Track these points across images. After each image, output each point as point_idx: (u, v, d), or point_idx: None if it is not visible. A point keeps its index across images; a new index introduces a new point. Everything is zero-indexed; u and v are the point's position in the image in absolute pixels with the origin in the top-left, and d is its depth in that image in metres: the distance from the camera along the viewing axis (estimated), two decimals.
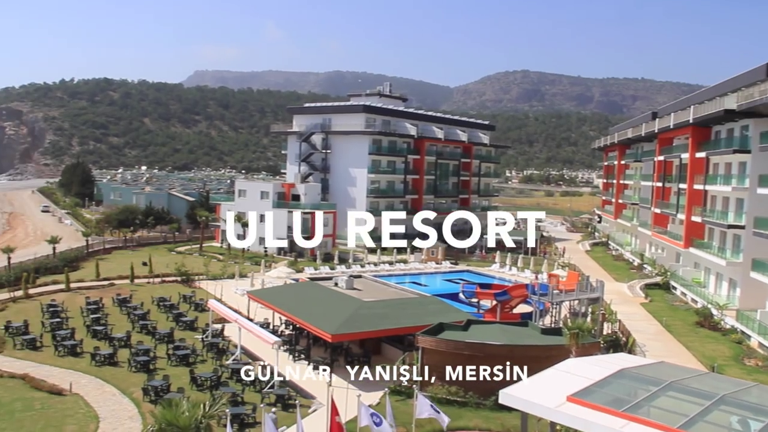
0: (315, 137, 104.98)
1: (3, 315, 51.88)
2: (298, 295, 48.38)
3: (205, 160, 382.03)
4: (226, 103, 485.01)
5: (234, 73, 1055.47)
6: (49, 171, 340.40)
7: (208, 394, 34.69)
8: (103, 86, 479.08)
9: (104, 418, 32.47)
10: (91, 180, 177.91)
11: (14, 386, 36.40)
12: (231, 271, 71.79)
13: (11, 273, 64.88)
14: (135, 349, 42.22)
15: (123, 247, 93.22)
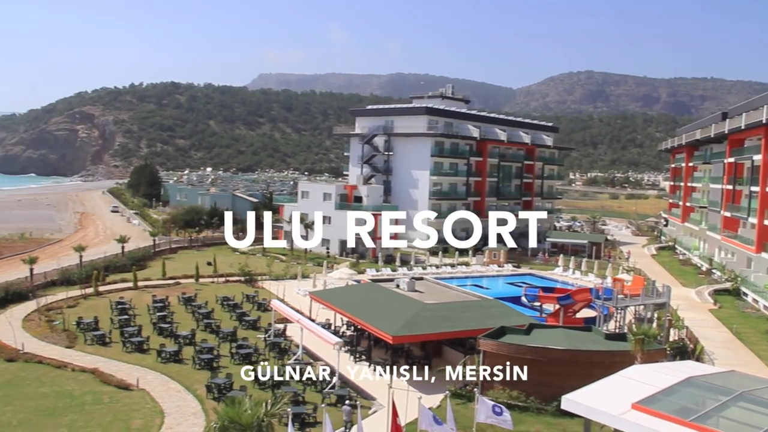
0: (377, 139, 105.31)
1: (75, 311, 53.51)
2: (359, 296, 48.58)
3: (269, 161, 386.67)
4: (289, 106, 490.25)
5: (297, 76, 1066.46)
6: (118, 172, 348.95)
7: (270, 392, 35.08)
8: (170, 90, 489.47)
9: (169, 414, 33.17)
10: (158, 181, 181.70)
11: (85, 380, 37.56)
12: (293, 272, 72.51)
13: (83, 271, 66.75)
14: (199, 347, 43.02)
15: (188, 247, 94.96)
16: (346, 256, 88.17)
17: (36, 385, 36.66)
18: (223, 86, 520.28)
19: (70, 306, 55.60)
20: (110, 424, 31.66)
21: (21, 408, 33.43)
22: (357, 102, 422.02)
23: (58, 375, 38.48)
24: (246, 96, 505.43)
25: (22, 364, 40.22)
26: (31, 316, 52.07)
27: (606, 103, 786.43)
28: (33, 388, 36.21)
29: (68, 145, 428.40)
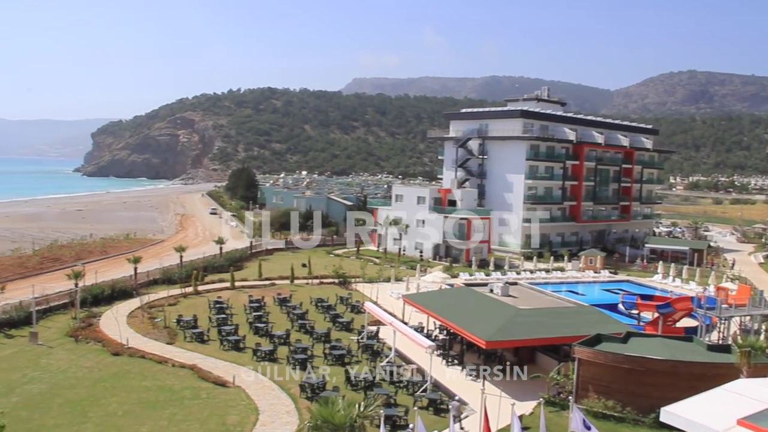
0: (472, 143, 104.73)
1: (175, 309, 55.33)
2: (453, 300, 48.46)
3: (363, 165, 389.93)
4: (383, 110, 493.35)
5: (391, 80, 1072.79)
6: (217, 175, 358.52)
7: (362, 394, 35.34)
8: (267, 95, 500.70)
9: (263, 411, 33.84)
10: (255, 184, 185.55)
11: (184, 375, 38.83)
12: (387, 275, 72.83)
13: (183, 270, 68.96)
14: (294, 346, 43.71)
15: (284, 249, 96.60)
16: (440, 260, 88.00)
17: (139, 379, 38.14)
18: (318, 91, 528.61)
19: (171, 304, 57.57)
20: (207, 419, 32.59)
21: (125, 399, 34.85)
22: (451, 105, 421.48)
23: (159, 370, 39.91)
24: (341, 100, 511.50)
25: (127, 358, 41.96)
26: (135, 312, 54.16)
27: (709, 104, 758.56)
28: (136, 382, 37.67)
29: (170, 149, 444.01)
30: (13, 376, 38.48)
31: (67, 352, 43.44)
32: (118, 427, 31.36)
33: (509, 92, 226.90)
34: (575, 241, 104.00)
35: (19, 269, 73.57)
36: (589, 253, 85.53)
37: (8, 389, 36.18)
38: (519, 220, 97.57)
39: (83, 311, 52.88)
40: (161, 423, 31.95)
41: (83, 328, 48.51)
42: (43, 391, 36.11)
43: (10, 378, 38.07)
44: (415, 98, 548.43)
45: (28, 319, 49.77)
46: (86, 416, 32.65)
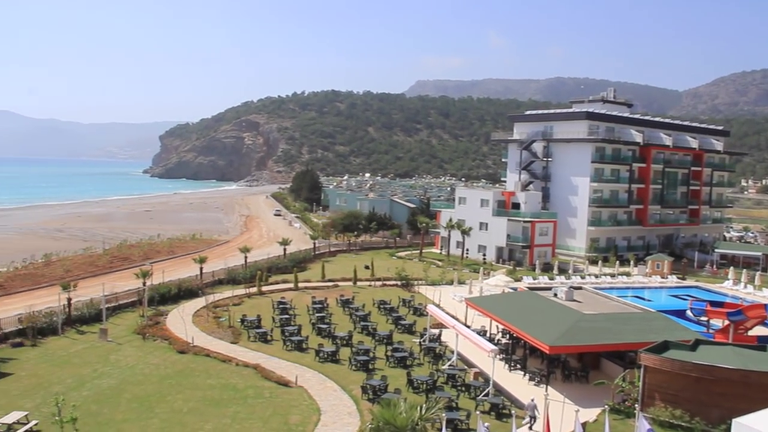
0: (536, 145, 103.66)
1: (239, 309, 56.06)
2: (516, 304, 47.96)
3: (426, 167, 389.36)
4: (446, 112, 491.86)
5: (454, 82, 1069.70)
6: (281, 177, 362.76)
7: (424, 397, 35.24)
8: (330, 98, 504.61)
9: (325, 412, 34.01)
10: (319, 186, 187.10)
11: (248, 375, 39.33)
12: (449, 278, 72.59)
13: (247, 271, 69.94)
14: (356, 348, 43.86)
15: (347, 251, 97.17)
16: (503, 263, 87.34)
17: (204, 377, 38.77)
18: (381, 93, 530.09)
19: (236, 304, 58.35)
20: (270, 418, 32.91)
21: (190, 397, 35.47)
22: (515, 107, 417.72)
23: (223, 368, 40.50)
24: (404, 103, 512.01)
25: (192, 357, 42.71)
26: (200, 312, 55.09)
27: None
28: (201, 379, 38.30)
29: (235, 151, 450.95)
30: (84, 370, 39.59)
31: (135, 349, 44.47)
32: (183, 424, 31.92)
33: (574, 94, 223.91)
34: (642, 245, 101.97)
35: (90, 268, 75.71)
36: (656, 258, 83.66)
37: (79, 383, 37.23)
38: (584, 224, 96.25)
39: (150, 309, 54.11)
40: (225, 421, 32.40)
41: (150, 326, 49.60)
42: (112, 386, 37.03)
43: (82, 373, 39.17)
44: (479, 100, 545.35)
45: (98, 316, 51.22)
46: (153, 412, 33.35)
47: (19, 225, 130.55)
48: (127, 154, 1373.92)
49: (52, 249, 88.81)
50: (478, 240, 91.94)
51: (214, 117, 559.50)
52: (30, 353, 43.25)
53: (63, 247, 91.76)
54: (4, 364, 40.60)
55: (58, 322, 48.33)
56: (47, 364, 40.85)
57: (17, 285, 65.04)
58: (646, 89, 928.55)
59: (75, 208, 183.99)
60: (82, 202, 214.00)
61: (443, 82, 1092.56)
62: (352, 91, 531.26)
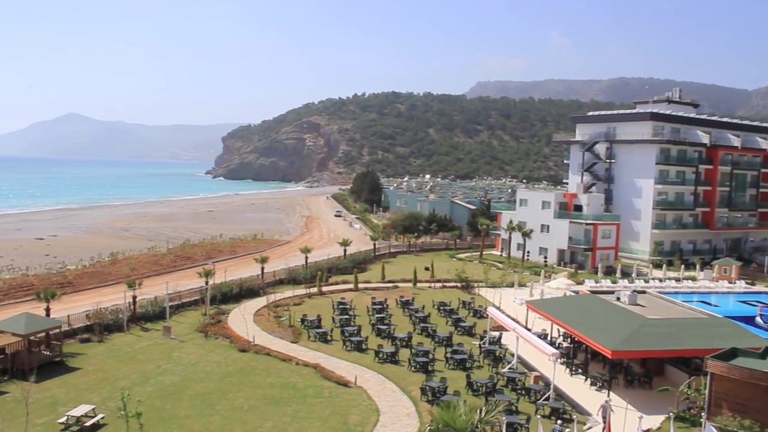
0: (598, 146, 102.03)
1: (300, 309, 56.55)
2: (577, 307, 47.22)
3: (487, 169, 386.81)
4: (507, 113, 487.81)
5: (515, 83, 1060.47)
6: (341, 179, 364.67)
7: (483, 399, 34.98)
8: (391, 99, 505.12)
9: (384, 412, 34.03)
10: (379, 187, 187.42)
11: (307, 374, 39.63)
12: (510, 280, 72.01)
13: (308, 271, 70.48)
14: (415, 349, 43.80)
15: (407, 252, 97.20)
16: (564, 266, 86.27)
17: (264, 375, 39.19)
18: (442, 95, 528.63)
19: (296, 304, 58.86)
20: (329, 418, 33.07)
21: (251, 395, 35.88)
22: (577, 108, 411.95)
23: (283, 367, 40.87)
24: (464, 104, 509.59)
25: (253, 355, 43.23)
26: (261, 311, 55.72)
27: None
28: (261, 378, 38.72)
29: (296, 152, 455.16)
30: (148, 367, 40.42)
31: (197, 347, 45.21)
32: (244, 421, 32.29)
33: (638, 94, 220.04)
34: (708, 249, 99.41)
35: (155, 266, 77.31)
36: (723, 262, 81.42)
37: (144, 379, 38.02)
38: (648, 227, 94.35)
39: (213, 308, 54.92)
40: (284, 419, 32.68)
41: (212, 324, 50.38)
42: (175, 382, 37.72)
43: (146, 369, 40.00)
44: (540, 101, 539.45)
45: (162, 314, 52.25)
46: (214, 409, 33.83)
47: (87, 224, 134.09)
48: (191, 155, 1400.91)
49: (118, 248, 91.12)
50: (539, 242, 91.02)
51: (276, 118, 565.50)
52: (97, 349, 44.40)
53: (128, 246, 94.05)
54: (73, 358, 41.83)
55: (123, 319, 49.50)
56: (113, 360, 41.87)
57: (85, 282, 66.82)
58: (713, 89, 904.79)
59: (140, 208, 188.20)
60: (146, 203, 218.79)
61: (504, 83, 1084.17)
62: (412, 93, 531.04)
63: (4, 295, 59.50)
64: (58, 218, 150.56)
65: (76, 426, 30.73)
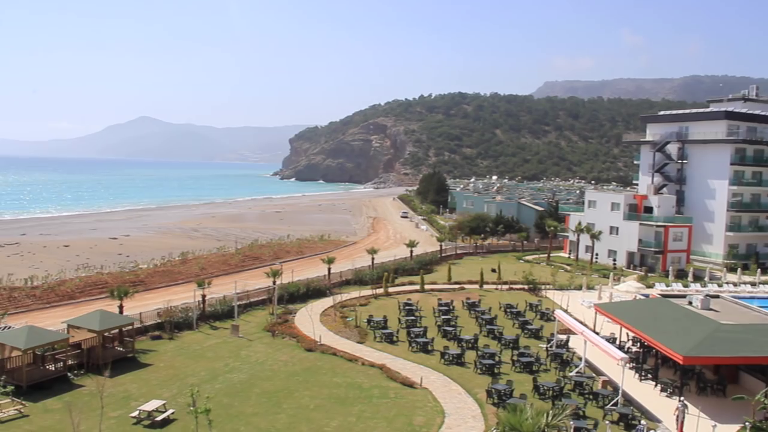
0: (670, 146, 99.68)
1: (366, 309, 56.81)
2: (648, 311, 46.19)
3: (554, 170, 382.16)
4: (575, 113, 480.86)
5: (583, 83, 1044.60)
6: (408, 180, 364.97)
7: (550, 403, 34.55)
8: (457, 100, 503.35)
9: (449, 414, 33.90)
10: (446, 189, 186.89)
11: (373, 374, 39.78)
12: (578, 283, 70.98)
13: (374, 272, 70.76)
14: (481, 351, 43.54)
15: (473, 254, 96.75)
16: (634, 269, 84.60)
17: (330, 375, 39.48)
18: (509, 95, 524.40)
19: (362, 304, 59.17)
20: (394, 418, 33.12)
21: (317, 394, 36.21)
22: (647, 108, 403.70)
23: (349, 367, 41.11)
24: (532, 104, 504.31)
25: (319, 355, 43.60)
26: (328, 311, 56.16)
27: None
28: (327, 377, 39.02)
29: (363, 154, 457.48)
30: (217, 364, 41.16)
31: (265, 346, 45.83)
32: (310, 420, 32.58)
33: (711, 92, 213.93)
34: None
35: (223, 266, 78.63)
36: None
37: (212, 377, 38.73)
38: (722, 229, 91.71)
39: (280, 308, 55.63)
40: (350, 419, 32.85)
41: (280, 323, 51.00)
42: (243, 380, 38.31)
43: (215, 366, 40.74)
44: (609, 101, 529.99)
45: (230, 312, 53.13)
46: (280, 407, 34.23)
47: (158, 225, 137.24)
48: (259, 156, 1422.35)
49: (188, 248, 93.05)
50: (608, 244, 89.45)
51: (342, 120, 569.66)
52: (167, 346, 45.42)
53: (198, 246, 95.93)
54: (145, 355, 42.89)
55: (193, 317, 50.53)
56: (183, 357, 42.78)
57: (156, 281, 68.42)
58: None
59: (209, 209, 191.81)
60: (216, 203, 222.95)
61: (572, 82, 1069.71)
62: (479, 93, 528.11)
63: (80, 292, 61.44)
64: (131, 218, 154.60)
65: (148, 420, 31.53)
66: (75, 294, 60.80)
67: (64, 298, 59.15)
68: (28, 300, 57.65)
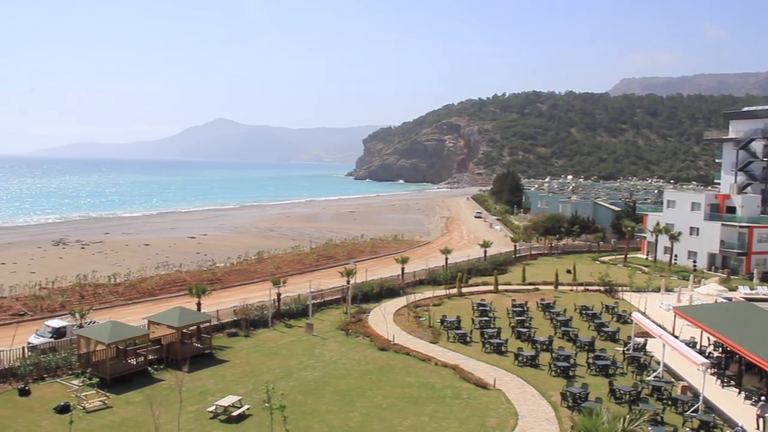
0: (754, 144, 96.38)
1: (439, 310, 56.70)
2: (730, 315, 44.71)
3: (631, 169, 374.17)
4: (653, 111, 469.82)
5: (662, 79, 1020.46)
6: (481, 180, 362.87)
7: (627, 408, 33.81)
8: (531, 99, 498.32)
9: (523, 417, 33.51)
10: (520, 188, 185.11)
11: (446, 375, 39.67)
12: (656, 285, 69.34)
13: (448, 272, 70.52)
14: (556, 354, 42.95)
15: (548, 254, 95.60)
16: (715, 271, 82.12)
17: (403, 374, 39.52)
18: (584, 93, 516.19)
19: (435, 304, 59.03)
20: (467, 419, 32.92)
21: (390, 393, 36.29)
22: (730, 104, 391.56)
23: (422, 367, 41.07)
24: (608, 102, 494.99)
25: (392, 354, 43.70)
26: (401, 311, 56.23)
27: None
28: (400, 377, 39.07)
29: (436, 154, 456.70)
30: (292, 362, 41.69)
31: (338, 344, 46.19)
32: (382, 419, 32.67)
33: None
34: None
35: (298, 265, 79.58)
36: None
37: (287, 374, 39.24)
38: None
39: (354, 307, 56.01)
40: (422, 419, 32.80)
41: (353, 322, 51.32)
42: (317, 378, 38.69)
43: (289, 364, 41.27)
44: (689, 98, 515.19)
45: (304, 311, 53.78)
46: (354, 405, 34.43)
47: (235, 224, 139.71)
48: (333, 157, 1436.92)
49: (264, 247, 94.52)
50: (687, 245, 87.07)
51: (416, 120, 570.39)
52: (243, 343, 46.24)
53: (273, 246, 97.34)
54: (221, 351, 43.77)
55: (268, 315, 51.31)
56: (258, 354, 43.47)
57: (233, 279, 69.69)
58: None
59: (284, 209, 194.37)
60: (290, 203, 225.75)
61: (650, 79, 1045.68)
62: (553, 92, 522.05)
63: (160, 289, 63.09)
64: (208, 218, 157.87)
65: (224, 415, 32.20)
66: (155, 291, 62.48)
67: (145, 295, 60.84)
68: (111, 296, 59.52)
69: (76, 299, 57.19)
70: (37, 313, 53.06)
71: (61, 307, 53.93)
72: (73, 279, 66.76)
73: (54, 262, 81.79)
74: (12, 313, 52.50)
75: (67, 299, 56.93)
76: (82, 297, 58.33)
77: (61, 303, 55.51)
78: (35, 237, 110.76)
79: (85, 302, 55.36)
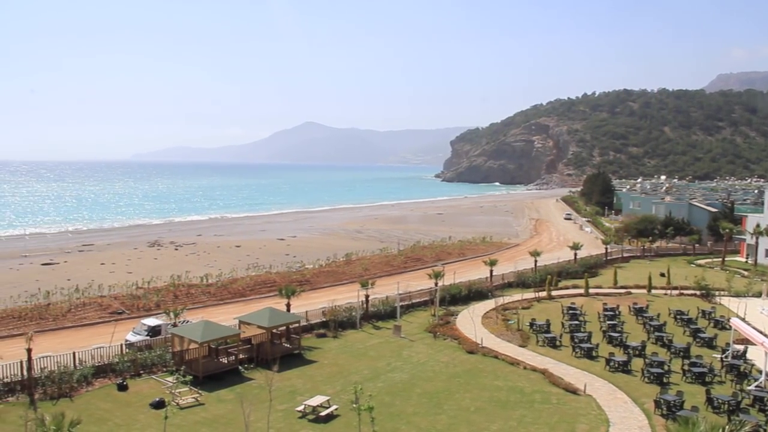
0: None
1: (528, 313, 55.93)
2: None
3: (729, 168, 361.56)
4: (753, 107, 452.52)
5: (762, 74, 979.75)
6: (571, 181, 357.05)
7: (725, 418, 32.56)
8: (622, 97, 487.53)
9: (614, 424, 32.65)
10: (611, 189, 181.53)
11: (535, 379, 39.05)
12: (757, 289, 66.61)
13: (537, 275, 69.57)
14: (649, 359, 41.72)
15: (640, 257, 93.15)
16: None
17: (491, 378, 39.13)
18: (677, 90, 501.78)
19: (524, 307, 58.27)
20: (556, 425, 32.31)
21: (477, 396, 35.98)
22: None
23: (511, 371, 40.57)
24: (703, 99, 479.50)
25: (480, 357, 43.35)
26: (489, 313, 55.76)
27: None
28: (488, 380, 38.69)
29: (524, 155, 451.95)
30: (379, 364, 41.85)
31: (426, 347, 46.11)
32: (470, 422, 32.40)
33: None
34: None
35: (386, 267, 79.93)
36: None
37: (374, 375, 39.40)
38: None
39: (441, 309, 55.86)
40: (510, 423, 32.38)
41: (441, 325, 51.16)
42: (404, 380, 38.70)
43: (377, 365, 41.44)
44: None
45: (392, 313, 53.97)
46: (441, 408, 34.28)
47: (323, 226, 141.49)
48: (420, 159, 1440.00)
49: (352, 249, 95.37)
50: None
51: (504, 121, 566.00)
52: (331, 344, 46.72)
53: (361, 247, 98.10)
54: (310, 352, 44.35)
55: (356, 316, 51.70)
56: (346, 355, 43.83)
57: (321, 281, 70.56)
58: None
59: (372, 211, 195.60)
60: (378, 205, 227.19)
61: (748, 74, 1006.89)
62: (645, 90, 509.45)
63: (251, 290, 64.44)
64: (297, 220, 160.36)
65: (312, 415, 32.57)
66: (245, 292, 63.85)
67: (236, 296, 62.26)
68: (203, 296, 61.15)
69: (170, 299, 59.13)
70: (134, 311, 55.11)
71: (156, 306, 55.87)
72: (167, 279, 69.00)
73: (149, 262, 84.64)
74: (111, 312, 54.64)
75: (162, 299, 58.92)
76: (176, 297, 60.22)
77: (156, 302, 57.51)
78: (132, 238, 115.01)
79: (179, 302, 57.17)
